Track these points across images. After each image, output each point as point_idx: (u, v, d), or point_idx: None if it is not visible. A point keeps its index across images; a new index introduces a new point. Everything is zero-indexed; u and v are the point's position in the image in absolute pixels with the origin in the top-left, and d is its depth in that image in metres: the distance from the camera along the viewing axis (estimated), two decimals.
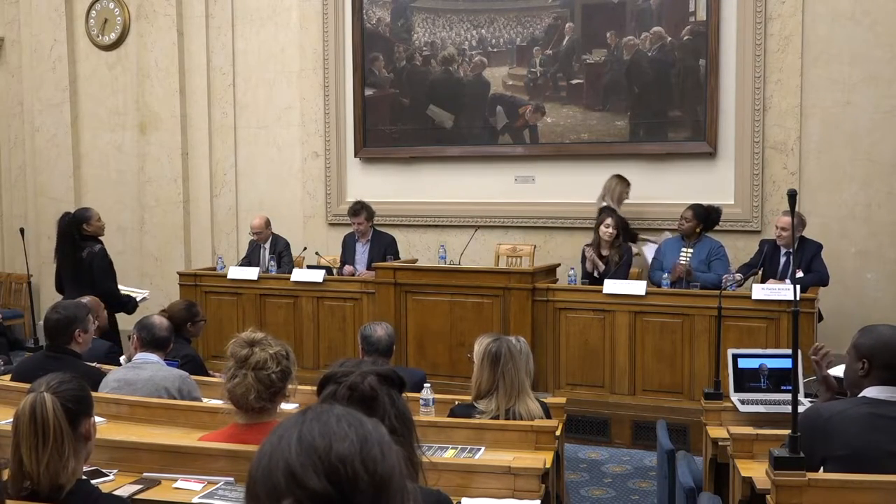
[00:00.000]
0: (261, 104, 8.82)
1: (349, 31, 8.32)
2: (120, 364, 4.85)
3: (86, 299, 5.07)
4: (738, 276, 6.25)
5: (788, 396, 3.28)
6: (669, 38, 7.28)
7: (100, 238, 6.60)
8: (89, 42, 9.34)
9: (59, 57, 9.38)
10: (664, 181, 7.41)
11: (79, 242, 6.47)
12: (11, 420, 2.43)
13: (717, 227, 6.94)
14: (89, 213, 6.62)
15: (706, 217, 6.71)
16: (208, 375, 4.78)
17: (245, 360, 2.92)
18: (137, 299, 6.82)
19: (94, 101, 9.40)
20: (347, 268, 7.52)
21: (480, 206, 7.98)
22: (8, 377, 4.50)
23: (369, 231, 7.60)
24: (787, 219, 6.20)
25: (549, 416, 3.72)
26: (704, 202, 6.83)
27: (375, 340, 4.38)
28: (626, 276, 6.69)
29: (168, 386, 4.04)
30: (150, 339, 4.29)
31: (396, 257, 7.49)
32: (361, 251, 7.63)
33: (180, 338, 5.00)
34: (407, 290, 6.86)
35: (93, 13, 9.29)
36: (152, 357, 4.22)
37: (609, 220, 6.81)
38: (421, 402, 3.94)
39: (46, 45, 9.43)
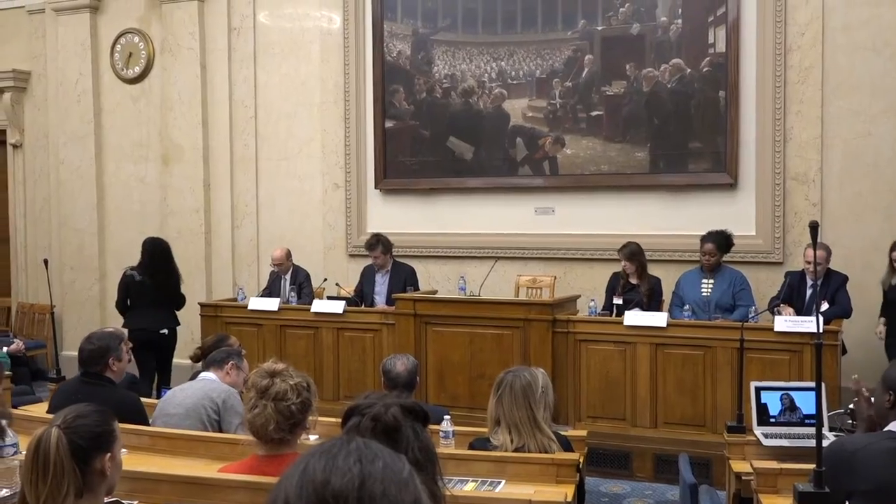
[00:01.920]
0: (282, 136, 8.90)
1: (370, 63, 8.41)
2: (137, 392, 4.96)
3: (111, 329, 5.15)
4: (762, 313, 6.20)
5: (813, 430, 3.26)
6: (689, 70, 7.30)
7: None
8: (114, 75, 9.49)
9: (84, 90, 9.53)
10: (684, 213, 7.40)
11: (169, 265, 7.52)
12: None
13: (739, 259, 6.92)
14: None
15: (727, 245, 6.69)
16: None
17: (265, 390, 2.93)
18: None
19: (117, 133, 9.52)
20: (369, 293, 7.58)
21: (500, 238, 7.99)
22: (40, 406, 4.58)
23: (388, 263, 7.65)
24: (817, 251, 6.17)
25: (569, 449, 3.70)
26: (716, 229, 6.80)
27: (395, 376, 4.37)
28: (657, 309, 6.67)
29: (214, 396, 4.25)
30: (208, 360, 4.61)
31: (416, 288, 7.50)
32: (381, 282, 7.65)
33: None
34: (427, 322, 6.85)
35: (118, 47, 9.44)
36: (211, 375, 4.45)
37: (620, 255, 6.83)
38: (441, 434, 3.93)
39: (72, 79, 9.58)
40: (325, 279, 8.11)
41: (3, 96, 10.09)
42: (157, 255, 7.51)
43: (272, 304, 7.49)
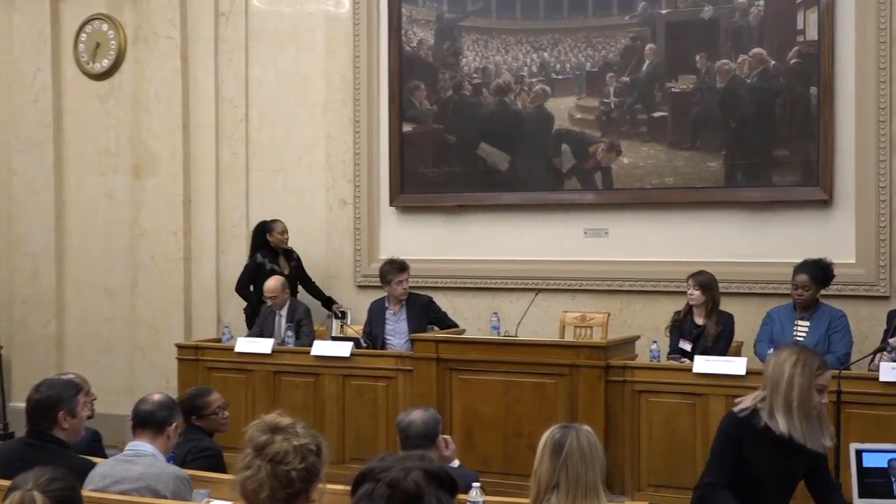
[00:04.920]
0: (278, 143, 8.96)
1: (385, 55, 8.46)
2: (105, 455, 4.89)
3: (71, 375, 5.13)
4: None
5: None
6: (773, 62, 7.28)
7: (279, 250, 8.41)
8: (78, 70, 9.58)
9: (42, 88, 9.63)
10: (768, 235, 7.36)
11: (255, 249, 8.40)
12: None
13: (835, 293, 6.86)
14: (274, 224, 8.41)
15: (825, 278, 6.63)
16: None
17: (262, 448, 2.89)
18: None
19: (81, 139, 9.60)
20: None
21: (542, 266, 7.98)
22: None
23: (406, 295, 7.68)
24: None
25: None
26: (813, 258, 6.75)
27: (406, 425, 4.40)
28: (724, 352, 6.63)
29: (160, 487, 4.03)
30: (136, 420, 4.28)
31: (443, 322, 7.56)
32: (394, 320, 7.67)
33: (200, 431, 5.07)
34: (451, 367, 6.85)
35: (83, 36, 9.54)
36: (147, 448, 4.18)
37: (691, 281, 6.79)
38: None
39: (28, 74, 9.69)
40: (329, 315, 8.11)
41: None
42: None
43: (264, 345, 7.52)
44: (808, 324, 6.58)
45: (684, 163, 7.58)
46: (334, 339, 7.68)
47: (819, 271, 6.62)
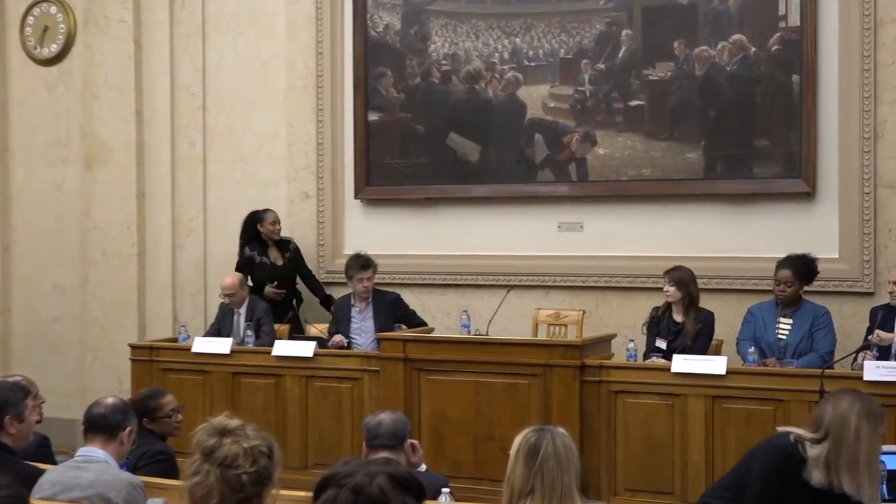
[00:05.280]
0: (237, 132, 8.90)
1: (349, 40, 8.42)
2: (54, 461, 4.84)
3: (18, 378, 5.07)
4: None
5: None
6: (753, 49, 7.30)
7: (270, 242, 8.29)
8: (24, 55, 9.49)
9: None
10: (749, 229, 7.38)
11: (245, 241, 8.26)
12: None
13: (818, 290, 6.88)
14: (265, 214, 8.30)
15: (808, 274, 6.65)
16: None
17: (210, 453, 2.87)
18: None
19: (28, 128, 9.51)
20: (337, 338, 7.51)
21: (514, 261, 7.98)
22: None
23: (370, 293, 7.64)
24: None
25: None
26: (797, 253, 6.77)
27: (374, 425, 4.37)
28: (704, 351, 6.63)
29: (112, 495, 3.99)
30: (88, 424, 4.24)
31: (410, 321, 7.54)
32: (360, 318, 7.63)
33: (152, 434, 5.02)
34: (420, 368, 6.83)
35: (30, 19, 9.45)
36: (99, 454, 4.14)
37: (666, 278, 6.80)
38: None
39: None
40: (290, 313, 8.07)
41: None
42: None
43: (223, 345, 7.48)
44: (790, 321, 6.61)
45: (662, 154, 7.59)
46: (294, 338, 7.63)
47: (803, 267, 6.65)
